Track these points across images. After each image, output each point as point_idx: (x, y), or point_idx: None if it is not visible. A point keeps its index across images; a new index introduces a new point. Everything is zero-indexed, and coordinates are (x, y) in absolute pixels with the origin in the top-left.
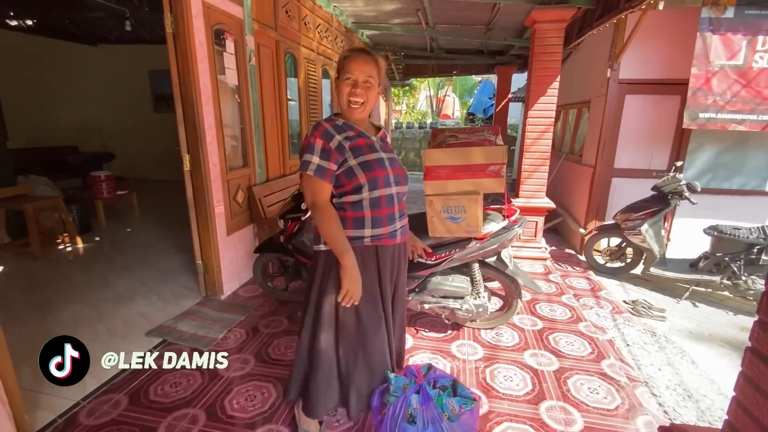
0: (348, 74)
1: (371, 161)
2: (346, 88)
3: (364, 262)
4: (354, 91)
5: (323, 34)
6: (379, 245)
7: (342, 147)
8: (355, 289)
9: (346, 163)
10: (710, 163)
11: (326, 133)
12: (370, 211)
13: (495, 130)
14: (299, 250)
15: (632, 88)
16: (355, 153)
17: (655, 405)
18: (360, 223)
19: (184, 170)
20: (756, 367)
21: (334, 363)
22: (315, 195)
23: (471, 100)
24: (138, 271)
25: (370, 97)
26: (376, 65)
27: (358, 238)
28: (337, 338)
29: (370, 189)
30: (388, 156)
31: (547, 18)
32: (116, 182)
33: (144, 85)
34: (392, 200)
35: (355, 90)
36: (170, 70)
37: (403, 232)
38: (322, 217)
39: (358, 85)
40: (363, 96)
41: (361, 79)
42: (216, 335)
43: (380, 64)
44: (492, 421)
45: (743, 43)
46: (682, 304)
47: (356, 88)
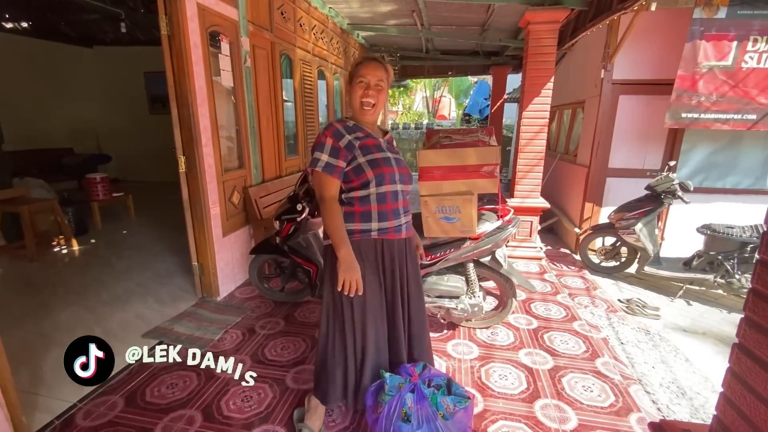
0: (361, 78)
1: (378, 159)
2: (359, 91)
3: (369, 255)
4: (366, 93)
5: (319, 35)
6: (385, 239)
7: (352, 145)
8: (351, 278)
9: (355, 160)
10: (703, 163)
11: (337, 132)
12: (377, 205)
13: (489, 131)
14: (295, 251)
15: (626, 89)
16: (363, 151)
17: (649, 402)
18: (367, 217)
19: (180, 172)
20: (743, 363)
21: (342, 351)
22: (322, 190)
23: (467, 100)
24: (134, 273)
25: (380, 99)
26: (386, 71)
27: (365, 231)
28: (344, 327)
29: (377, 185)
30: (395, 156)
31: (541, 19)
32: (112, 184)
33: (139, 87)
34: (397, 196)
35: (368, 92)
36: (165, 72)
37: (407, 227)
38: (325, 211)
39: (371, 87)
40: (374, 97)
41: (373, 82)
42: (212, 336)
43: (389, 70)
44: (487, 419)
45: (734, 43)
46: (676, 303)
47: (368, 90)
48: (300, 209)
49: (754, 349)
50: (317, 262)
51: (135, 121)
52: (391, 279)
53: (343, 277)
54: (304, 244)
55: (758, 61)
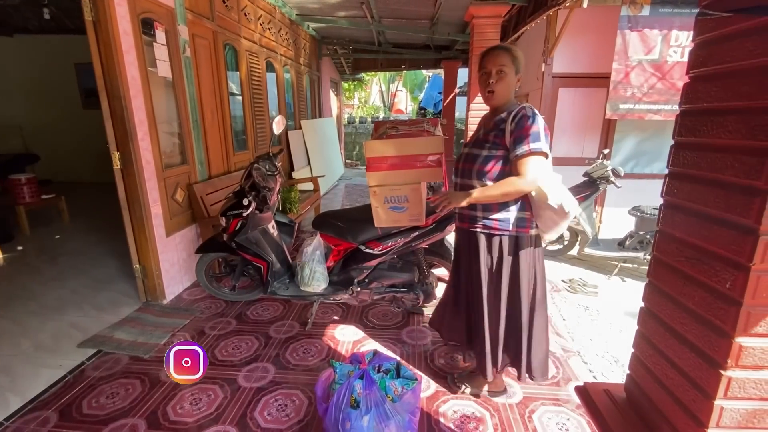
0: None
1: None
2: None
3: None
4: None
5: (266, 25)
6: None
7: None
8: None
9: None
10: (634, 151)
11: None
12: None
13: (434, 122)
14: (244, 247)
15: (564, 82)
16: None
17: (586, 371)
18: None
19: (115, 169)
20: (648, 325)
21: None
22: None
23: (421, 94)
24: (69, 280)
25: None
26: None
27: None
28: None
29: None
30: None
31: (484, 13)
32: (41, 186)
33: (70, 79)
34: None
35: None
36: (92, 62)
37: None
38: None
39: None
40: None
41: (495, 70)
42: (158, 341)
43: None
44: (439, 400)
45: (659, 39)
46: (612, 280)
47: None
48: (246, 204)
49: (657, 312)
50: (268, 258)
51: (66, 116)
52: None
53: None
54: (253, 240)
55: (681, 54)
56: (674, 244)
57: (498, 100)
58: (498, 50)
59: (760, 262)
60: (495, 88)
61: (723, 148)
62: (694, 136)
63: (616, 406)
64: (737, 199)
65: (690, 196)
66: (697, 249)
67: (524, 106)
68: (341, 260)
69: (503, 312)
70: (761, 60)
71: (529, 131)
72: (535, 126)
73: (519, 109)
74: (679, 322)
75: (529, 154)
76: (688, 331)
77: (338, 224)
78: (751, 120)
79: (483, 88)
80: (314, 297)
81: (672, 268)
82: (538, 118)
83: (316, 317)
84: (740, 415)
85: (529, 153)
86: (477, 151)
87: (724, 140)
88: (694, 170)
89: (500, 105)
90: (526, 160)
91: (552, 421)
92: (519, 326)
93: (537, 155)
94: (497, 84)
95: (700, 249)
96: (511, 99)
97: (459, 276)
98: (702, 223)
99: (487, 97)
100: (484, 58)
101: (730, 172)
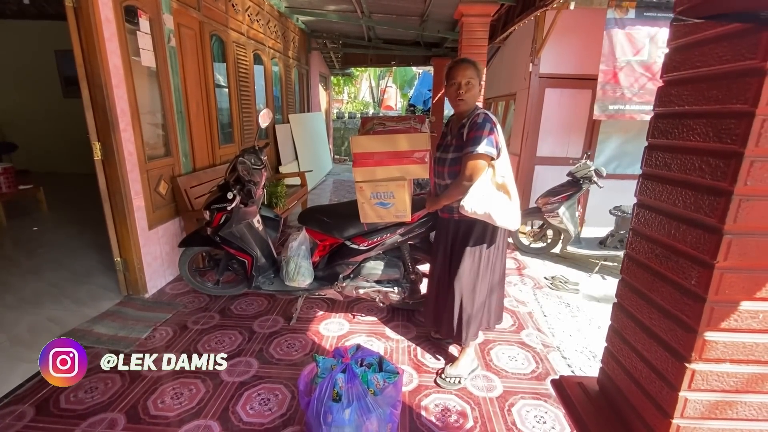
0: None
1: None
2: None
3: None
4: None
5: (254, 17)
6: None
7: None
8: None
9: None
10: (616, 152)
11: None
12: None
13: (421, 119)
14: (228, 242)
15: (551, 82)
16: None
17: (565, 366)
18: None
19: (95, 159)
20: (620, 320)
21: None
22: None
23: (411, 91)
24: (47, 272)
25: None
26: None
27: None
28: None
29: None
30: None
31: (473, 12)
32: (18, 176)
33: (50, 67)
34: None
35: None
36: (73, 49)
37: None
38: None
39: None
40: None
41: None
42: (139, 335)
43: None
44: (422, 393)
45: (646, 40)
46: (593, 278)
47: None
48: (231, 197)
49: (629, 307)
50: (252, 252)
51: (46, 105)
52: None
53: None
54: (237, 234)
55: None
56: (646, 243)
57: (466, 107)
58: (465, 63)
59: (723, 260)
60: (465, 97)
61: (692, 150)
62: (666, 138)
63: (589, 399)
64: (704, 199)
65: (661, 197)
66: (667, 247)
67: (478, 113)
68: (327, 255)
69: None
70: (730, 65)
71: (472, 135)
72: (479, 131)
73: (474, 116)
74: (649, 317)
75: (468, 157)
76: (657, 326)
77: (324, 219)
78: (718, 123)
79: (453, 98)
80: (299, 292)
81: (643, 265)
82: (487, 124)
83: (300, 312)
84: (703, 406)
85: (467, 155)
86: (445, 155)
87: (694, 142)
88: (665, 171)
89: (465, 111)
90: (465, 162)
91: (531, 414)
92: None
93: (475, 158)
94: (466, 93)
95: (669, 247)
96: (474, 105)
97: (435, 265)
98: (671, 222)
99: (458, 105)
100: (453, 71)
101: (698, 174)
